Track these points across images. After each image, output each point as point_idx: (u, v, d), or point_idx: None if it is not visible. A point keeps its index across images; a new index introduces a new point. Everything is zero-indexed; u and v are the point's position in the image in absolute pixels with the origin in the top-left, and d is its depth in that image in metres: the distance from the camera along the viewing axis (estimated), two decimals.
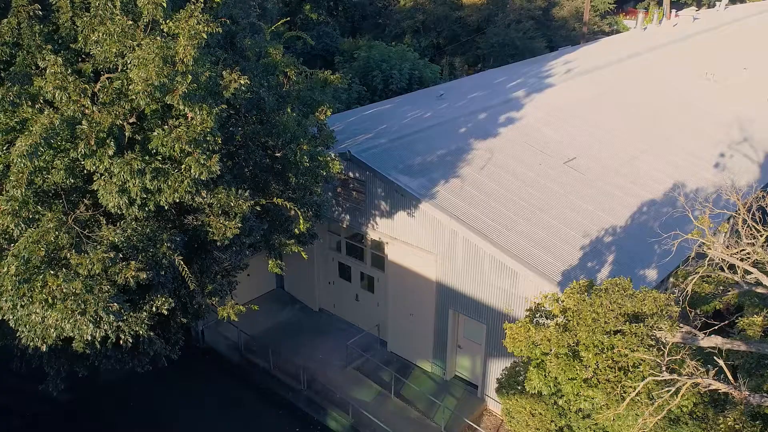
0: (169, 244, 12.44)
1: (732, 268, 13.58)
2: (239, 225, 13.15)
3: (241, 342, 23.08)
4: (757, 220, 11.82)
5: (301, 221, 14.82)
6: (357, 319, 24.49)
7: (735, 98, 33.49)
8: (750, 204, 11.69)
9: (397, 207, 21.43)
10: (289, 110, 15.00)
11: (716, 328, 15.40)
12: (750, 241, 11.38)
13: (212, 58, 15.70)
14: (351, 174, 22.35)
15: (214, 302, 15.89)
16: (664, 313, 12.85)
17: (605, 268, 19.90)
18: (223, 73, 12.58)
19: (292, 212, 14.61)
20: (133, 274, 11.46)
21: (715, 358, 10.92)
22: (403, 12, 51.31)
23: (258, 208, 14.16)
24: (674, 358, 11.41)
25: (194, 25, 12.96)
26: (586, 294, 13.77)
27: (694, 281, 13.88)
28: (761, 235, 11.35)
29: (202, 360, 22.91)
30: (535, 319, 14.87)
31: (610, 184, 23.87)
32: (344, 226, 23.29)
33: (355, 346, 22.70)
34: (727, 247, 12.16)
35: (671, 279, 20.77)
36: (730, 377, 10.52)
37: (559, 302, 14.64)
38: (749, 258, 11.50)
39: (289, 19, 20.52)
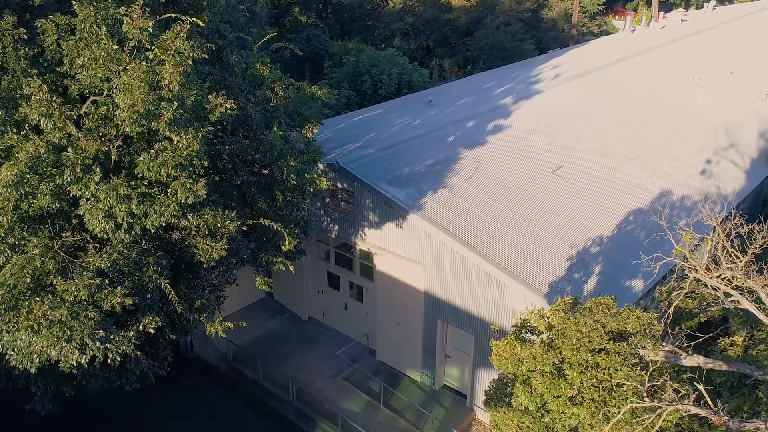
0: (155, 267, 12.48)
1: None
2: (225, 246, 13.20)
3: (229, 352, 23.13)
4: (736, 246, 11.96)
5: (287, 240, 14.88)
6: (346, 328, 24.57)
7: (722, 103, 33.74)
8: (729, 230, 11.81)
9: (386, 218, 21.51)
10: (275, 129, 15.03)
11: (701, 340, 15.61)
12: (729, 266, 11.52)
13: (199, 75, 15.76)
14: (339, 185, 22.41)
15: (202, 318, 15.94)
16: (647, 331, 12.99)
17: (592, 279, 20.06)
18: (209, 97, 12.60)
19: (279, 231, 14.66)
20: (119, 300, 11.49)
21: (695, 383, 11.06)
22: (392, 14, 51.35)
23: (245, 228, 14.20)
24: (656, 383, 11.54)
25: (180, 46, 13.01)
26: (570, 312, 13.89)
27: (679, 298, 14.06)
28: (740, 261, 11.49)
29: (191, 370, 22.93)
30: (521, 335, 15.01)
31: (596, 192, 24.01)
32: (333, 236, 23.36)
33: (344, 355, 22.79)
34: (708, 269, 12.30)
35: (657, 288, 20.94)
36: (710, 402, 10.66)
37: (545, 318, 14.81)
38: (730, 282, 11.65)
39: (275, 33, 20.48)
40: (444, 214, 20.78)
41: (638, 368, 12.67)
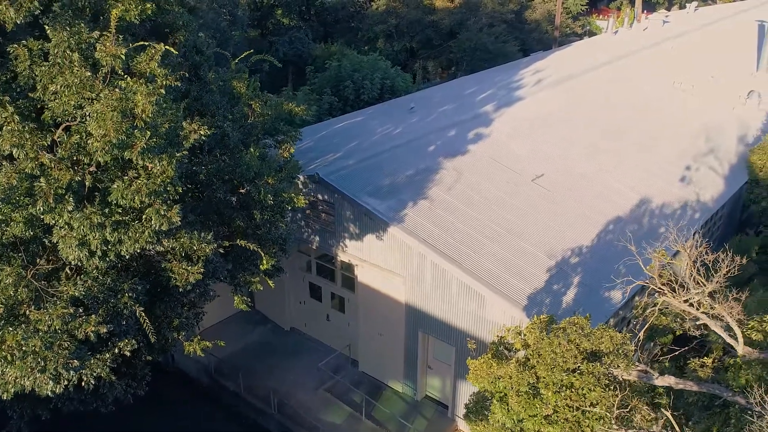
0: (130, 294, 12.48)
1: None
2: (201, 270, 13.21)
3: (211, 365, 23.12)
4: (702, 273, 12.10)
5: (264, 261, 14.90)
6: (328, 338, 24.62)
7: (703, 107, 34.01)
8: (696, 258, 11.96)
9: (366, 230, 21.56)
10: (252, 149, 15.04)
11: (678, 353, 15.79)
12: (698, 291, 11.67)
13: (176, 93, 15.71)
14: (320, 196, 22.43)
15: (180, 336, 15.94)
16: (620, 351, 13.14)
17: (571, 291, 20.21)
18: (184, 123, 12.58)
19: (257, 251, 14.68)
20: (93, 328, 11.48)
21: (662, 410, 11.22)
22: (375, 16, 51.32)
23: (221, 251, 14.22)
24: (627, 405, 11.69)
25: (154, 68, 12.99)
26: (545, 331, 14.01)
27: (653, 315, 14.22)
28: (706, 288, 11.65)
29: (172, 384, 22.89)
30: (498, 352, 15.13)
31: (576, 201, 24.17)
32: (314, 247, 23.39)
33: (326, 367, 22.85)
34: (675, 291, 12.45)
35: (637, 298, 21.13)
36: (677, 428, 10.81)
37: (521, 336, 14.93)
38: (700, 306, 11.80)
39: (250, 51, 20.43)
40: (424, 226, 20.86)
41: (611, 388, 12.83)
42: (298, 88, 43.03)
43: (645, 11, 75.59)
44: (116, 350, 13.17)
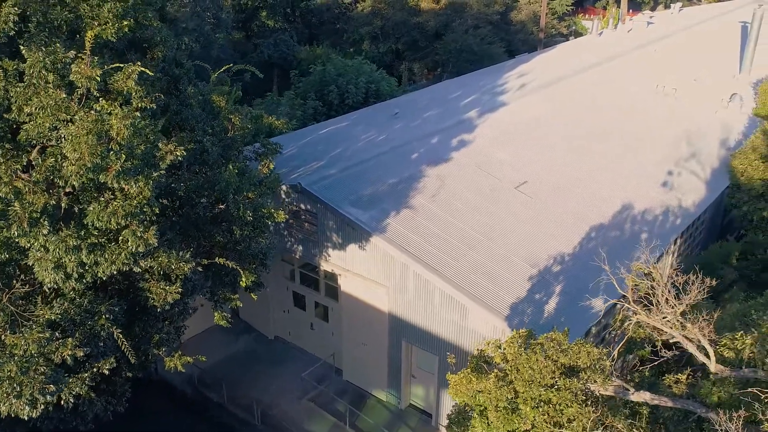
0: (107, 315, 12.45)
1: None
2: (179, 290, 13.19)
3: (194, 375, 23.08)
4: (675, 290, 12.21)
5: (243, 278, 14.91)
6: (312, 347, 24.64)
7: (686, 111, 34.20)
8: (667, 280, 12.06)
9: (349, 239, 21.58)
10: (231, 166, 15.02)
11: (656, 363, 15.91)
12: (670, 310, 11.79)
13: (155, 108, 15.67)
14: (303, 206, 22.43)
15: (161, 352, 15.92)
16: (597, 367, 13.24)
17: (553, 300, 20.31)
18: (160, 144, 12.55)
19: (236, 269, 14.68)
20: (70, 352, 11.46)
21: (640, 422, 11.33)
22: (361, 18, 51.29)
23: (200, 269, 14.20)
24: (603, 421, 11.79)
25: (131, 87, 12.96)
26: (524, 347, 14.09)
27: (631, 329, 14.34)
28: (677, 308, 11.77)
29: (156, 394, 22.81)
30: (478, 364, 15.21)
31: (559, 207, 24.26)
32: (297, 256, 23.39)
33: (310, 376, 22.86)
34: (649, 308, 12.57)
35: (617, 305, 21.27)
36: None
37: (501, 349, 15.01)
38: (672, 324, 11.91)
39: (229, 66, 20.34)
40: (407, 236, 20.90)
41: (588, 404, 12.93)
42: (283, 92, 42.98)
43: (630, 11, 75.99)
44: (95, 369, 13.17)
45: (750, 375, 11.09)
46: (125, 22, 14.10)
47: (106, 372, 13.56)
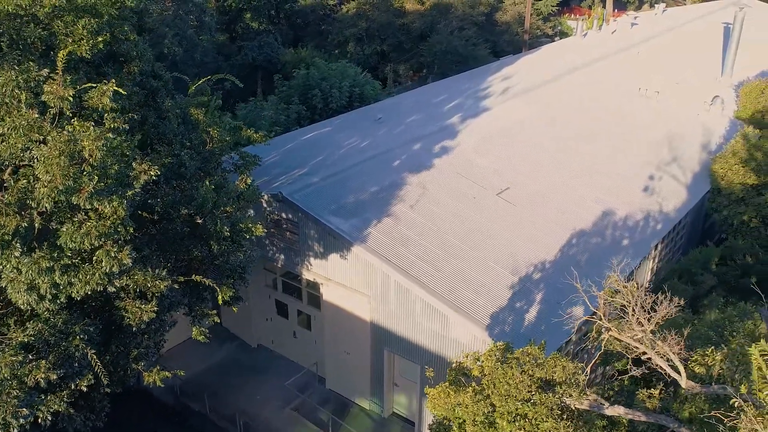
0: (82, 336, 12.42)
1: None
2: (155, 308, 13.17)
3: (176, 385, 23.02)
4: (648, 308, 12.29)
5: (220, 295, 14.90)
6: (296, 355, 24.64)
7: (668, 115, 34.38)
8: (636, 299, 12.15)
9: (330, 249, 21.59)
10: (207, 182, 14.98)
11: (634, 374, 16.03)
12: (642, 329, 11.89)
13: (131, 122, 15.60)
14: (284, 215, 22.41)
15: (140, 366, 15.87)
16: (572, 381, 13.34)
17: (533, 308, 20.41)
18: (134, 164, 12.51)
19: (212, 286, 14.67)
20: (43, 375, 11.42)
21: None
22: (346, 20, 51.18)
23: (176, 286, 14.18)
24: None
25: (106, 104, 12.92)
26: (501, 361, 14.17)
27: (606, 342, 14.42)
28: (647, 327, 11.87)
29: (137, 404, 22.71)
30: (457, 378, 15.28)
31: (540, 214, 24.37)
32: (279, 265, 23.37)
33: (293, 385, 22.88)
34: (621, 324, 12.67)
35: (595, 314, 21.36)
36: None
37: (479, 362, 15.09)
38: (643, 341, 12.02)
39: (208, 77, 20.30)
40: (388, 245, 20.94)
41: (563, 418, 13.03)
42: (268, 95, 42.87)
43: (616, 10, 76.23)
44: (72, 386, 13.13)
45: (720, 391, 11.20)
46: (100, 38, 14.03)
47: (84, 389, 13.52)
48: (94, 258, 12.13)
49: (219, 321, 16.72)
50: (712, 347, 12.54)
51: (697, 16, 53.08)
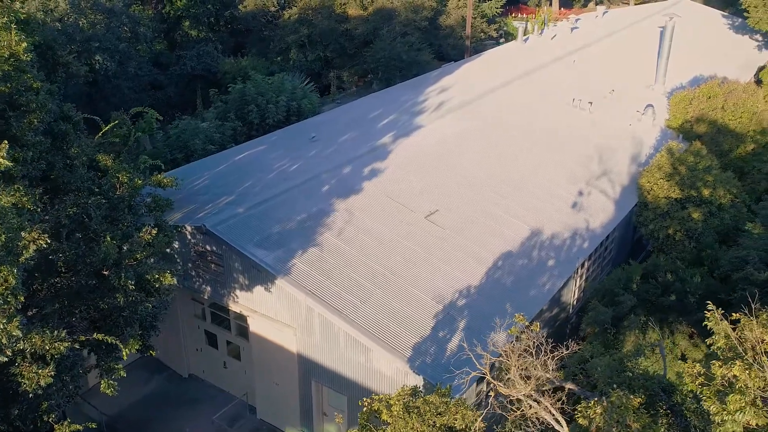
0: None
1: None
2: (53, 373, 12.99)
3: (103, 422, 22.76)
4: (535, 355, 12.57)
5: (126, 350, 14.78)
6: (227, 385, 24.58)
7: (600, 126, 34.89)
8: (519, 358, 12.42)
9: (255, 281, 21.54)
10: (108, 238, 14.77)
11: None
12: (524, 387, 12.19)
13: (36, 173, 15.34)
14: (208, 247, 22.27)
15: (51, 419, 15.63)
16: (472, 428, 13.63)
17: (456, 337, 20.61)
18: (23, 233, 12.28)
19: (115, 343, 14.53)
20: None
21: None
22: (288, 26, 50.78)
23: (76, 346, 14.01)
24: None
25: (2, 162, 12.70)
26: (405, 410, 14.37)
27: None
28: (529, 386, 12.17)
29: None
30: (366, 425, 15.47)
31: (468, 237, 24.59)
32: (205, 297, 23.24)
33: (224, 416, 22.83)
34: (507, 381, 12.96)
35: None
36: None
37: (389, 408, 15.29)
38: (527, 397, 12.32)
39: (123, 116, 20.04)
40: (313, 277, 20.96)
41: None
42: (207, 106, 42.44)
43: (561, 9, 77.10)
44: None
45: None
46: None
47: None
48: None
49: (124, 375, 16.34)
50: (595, 399, 12.88)
51: (638, 19, 53.89)
